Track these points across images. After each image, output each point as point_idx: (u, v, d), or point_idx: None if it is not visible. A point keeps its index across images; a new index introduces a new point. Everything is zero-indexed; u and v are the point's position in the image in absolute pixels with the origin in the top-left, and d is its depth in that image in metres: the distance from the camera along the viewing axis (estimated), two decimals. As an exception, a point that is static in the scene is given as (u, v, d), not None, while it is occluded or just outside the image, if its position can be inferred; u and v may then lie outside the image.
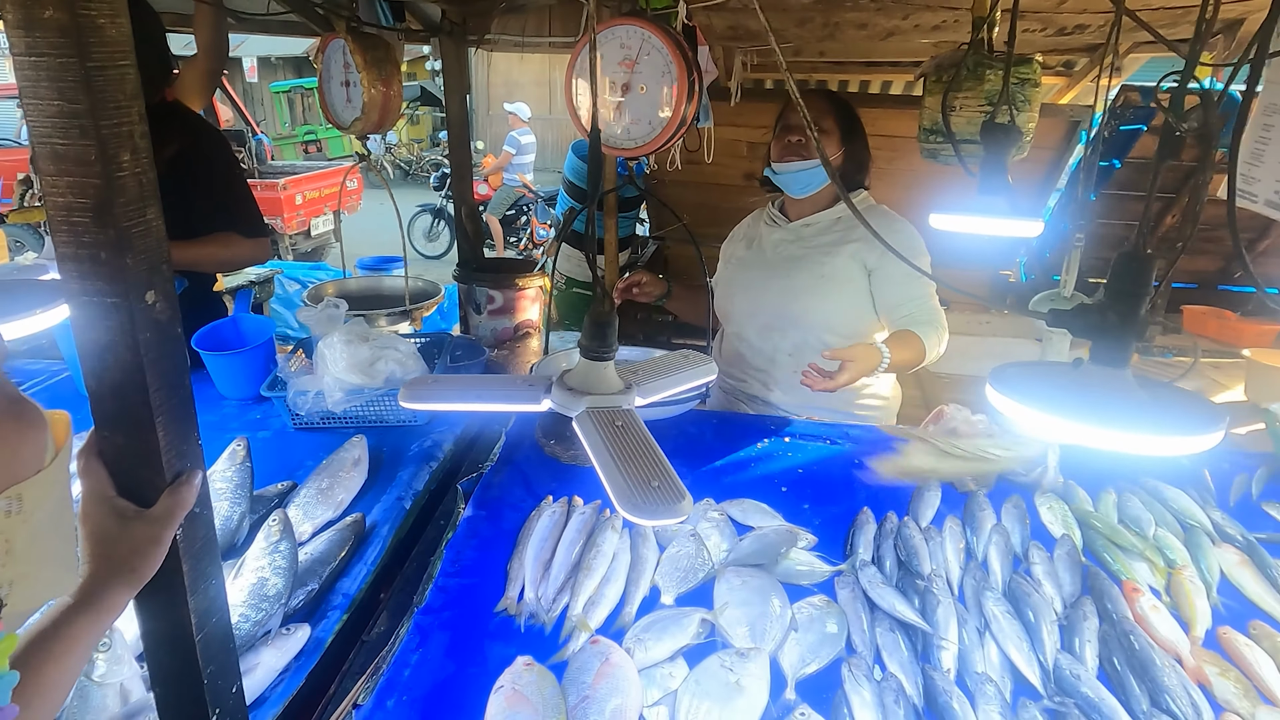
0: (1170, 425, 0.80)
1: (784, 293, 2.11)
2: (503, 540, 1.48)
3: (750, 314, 2.17)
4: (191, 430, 0.81)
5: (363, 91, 1.94)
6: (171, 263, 0.76)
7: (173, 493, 0.78)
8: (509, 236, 9.76)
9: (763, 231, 2.25)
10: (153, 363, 0.74)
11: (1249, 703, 1.17)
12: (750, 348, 2.20)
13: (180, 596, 0.82)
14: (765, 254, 2.20)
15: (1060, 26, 2.42)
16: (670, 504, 0.78)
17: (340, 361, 1.70)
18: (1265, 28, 0.79)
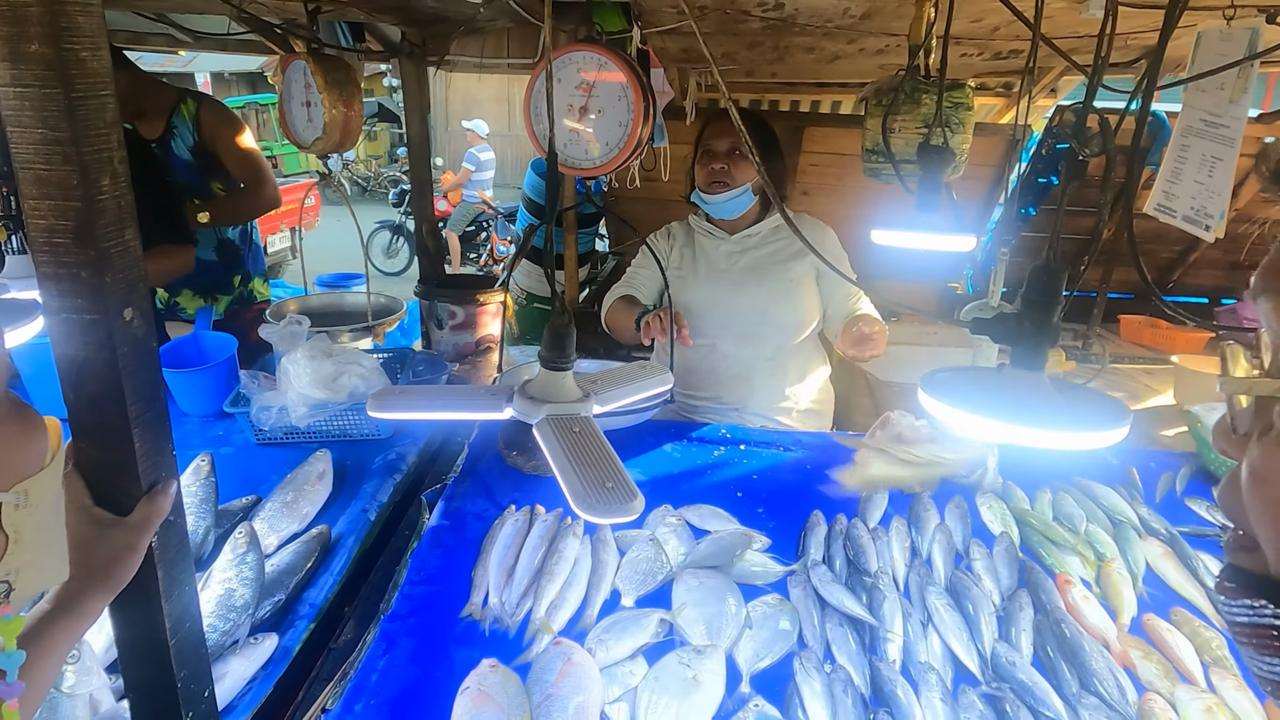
0: (1081, 422, 0.88)
1: (761, 301, 2.20)
2: (467, 549, 1.52)
3: (725, 325, 2.23)
4: (166, 441, 0.84)
5: (324, 112, 1.98)
6: (147, 281, 0.80)
7: (149, 501, 0.81)
8: (469, 253, 9.76)
9: (702, 244, 2.31)
10: (130, 376, 0.78)
11: (1169, 683, 1.25)
12: (727, 358, 2.26)
13: (155, 602, 0.85)
14: (719, 265, 2.27)
15: (996, 51, 2.55)
16: (623, 503, 0.83)
17: (304, 377, 1.72)
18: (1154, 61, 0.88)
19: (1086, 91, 0.89)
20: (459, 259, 9.57)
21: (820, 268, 2.22)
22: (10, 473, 0.57)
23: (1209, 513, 1.73)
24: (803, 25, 2.18)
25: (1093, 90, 0.90)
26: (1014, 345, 0.94)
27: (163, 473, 0.84)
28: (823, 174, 3.76)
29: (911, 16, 1.72)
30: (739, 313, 2.22)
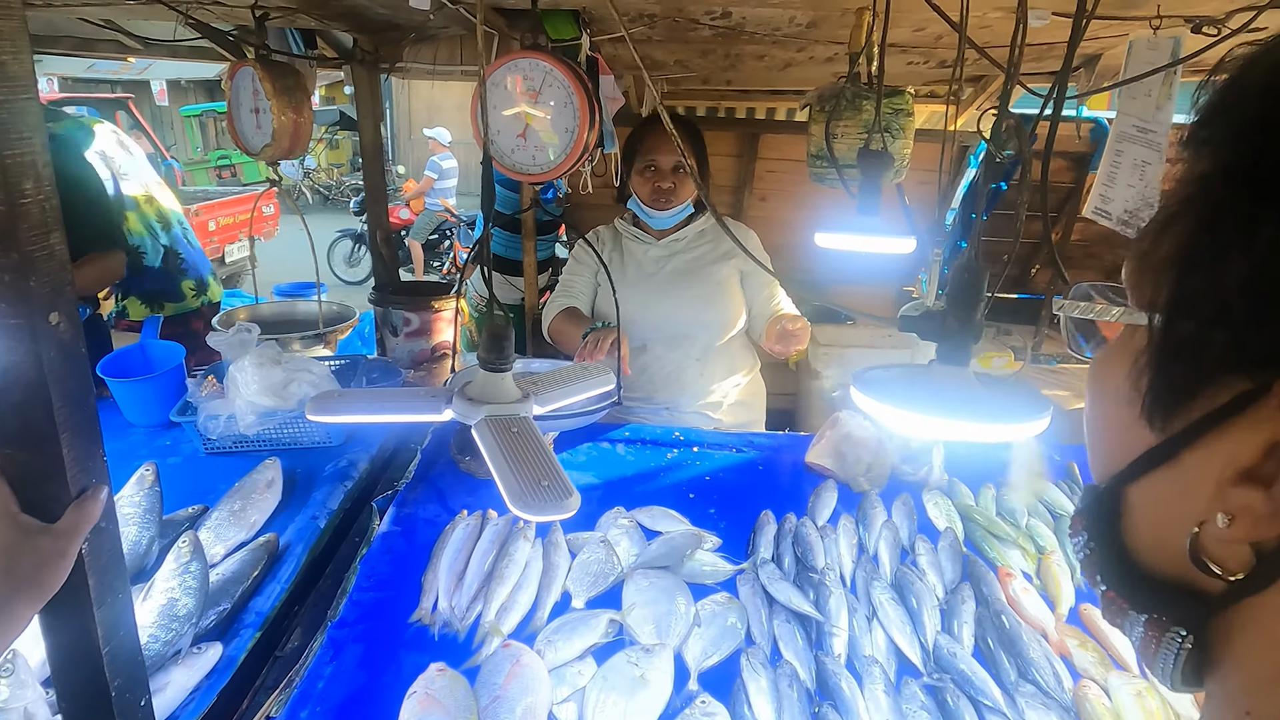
0: (1004, 415, 0.91)
1: (690, 304, 2.24)
2: (418, 554, 1.52)
3: (657, 327, 2.26)
4: (96, 446, 0.83)
5: (272, 119, 1.97)
6: (75, 285, 0.79)
7: (78, 507, 0.80)
8: (431, 261, 9.70)
9: (630, 249, 2.34)
10: (57, 380, 0.77)
11: (1103, 669, 1.29)
12: (658, 359, 2.29)
13: (86, 610, 0.84)
14: (647, 269, 2.30)
15: (942, 59, 2.61)
16: (558, 500, 0.84)
17: (252, 384, 1.71)
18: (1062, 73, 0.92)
19: (1001, 96, 0.92)
20: (422, 267, 9.51)
21: (744, 270, 2.28)
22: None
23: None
24: (751, 33, 2.22)
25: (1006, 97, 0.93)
26: (939, 341, 0.97)
27: (93, 478, 0.83)
28: (779, 180, 3.81)
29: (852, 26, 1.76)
30: (669, 315, 2.25)
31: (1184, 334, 0.40)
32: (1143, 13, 1.79)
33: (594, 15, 2.00)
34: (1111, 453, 0.47)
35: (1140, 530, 0.46)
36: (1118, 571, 0.47)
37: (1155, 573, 0.45)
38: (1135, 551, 0.46)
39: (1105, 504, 0.47)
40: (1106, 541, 0.47)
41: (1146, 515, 0.46)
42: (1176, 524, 0.42)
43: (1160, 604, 0.44)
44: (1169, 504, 0.44)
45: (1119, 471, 0.46)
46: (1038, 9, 1.88)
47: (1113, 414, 0.47)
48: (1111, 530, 0.47)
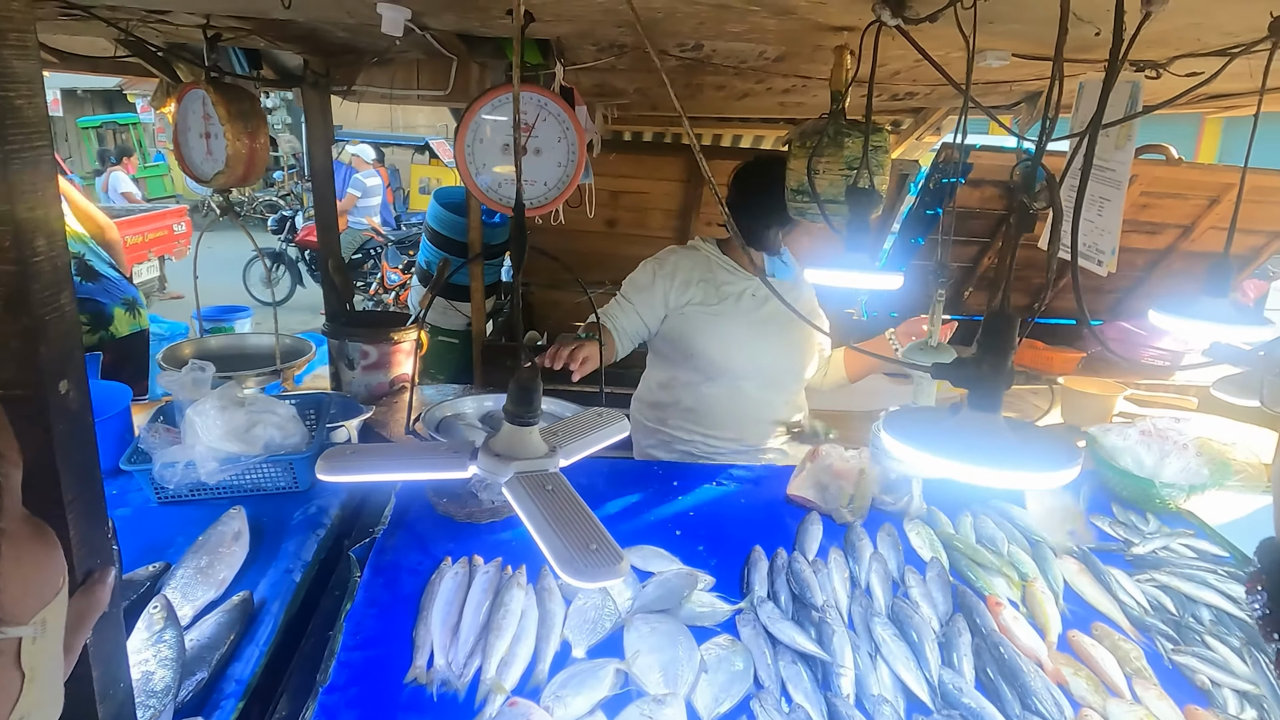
0: (1037, 463, 0.92)
1: (788, 348, 2.21)
2: (404, 606, 1.44)
3: (754, 370, 2.19)
4: (103, 523, 0.76)
5: (227, 144, 1.86)
6: (83, 349, 0.72)
7: (85, 594, 0.72)
8: (356, 281, 9.41)
9: (725, 279, 2.20)
10: (65, 455, 0.70)
11: (1100, 698, 1.33)
12: (751, 401, 2.22)
13: (89, 708, 0.76)
14: (745, 305, 2.19)
15: (893, 93, 2.69)
16: (609, 565, 0.81)
17: (214, 429, 1.60)
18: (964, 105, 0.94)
19: (1036, 151, 0.94)
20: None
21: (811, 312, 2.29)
22: (31, 601, 0.49)
23: (1111, 528, 1.85)
24: (718, 65, 2.23)
25: (1040, 151, 0.95)
26: (972, 388, 0.97)
27: (99, 559, 0.75)
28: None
29: (820, 60, 1.79)
30: (769, 358, 2.19)
31: None
32: (1094, 57, 1.88)
33: (567, 45, 1.98)
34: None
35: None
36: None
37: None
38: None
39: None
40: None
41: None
42: None
43: None
44: None
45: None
46: (998, 50, 1.95)
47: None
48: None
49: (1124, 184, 1.78)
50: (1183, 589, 1.61)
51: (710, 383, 2.21)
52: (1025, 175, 0.94)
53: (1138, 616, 1.55)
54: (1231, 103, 2.85)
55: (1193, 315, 1.48)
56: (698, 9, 1.60)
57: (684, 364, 2.22)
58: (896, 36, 1.48)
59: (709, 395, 2.22)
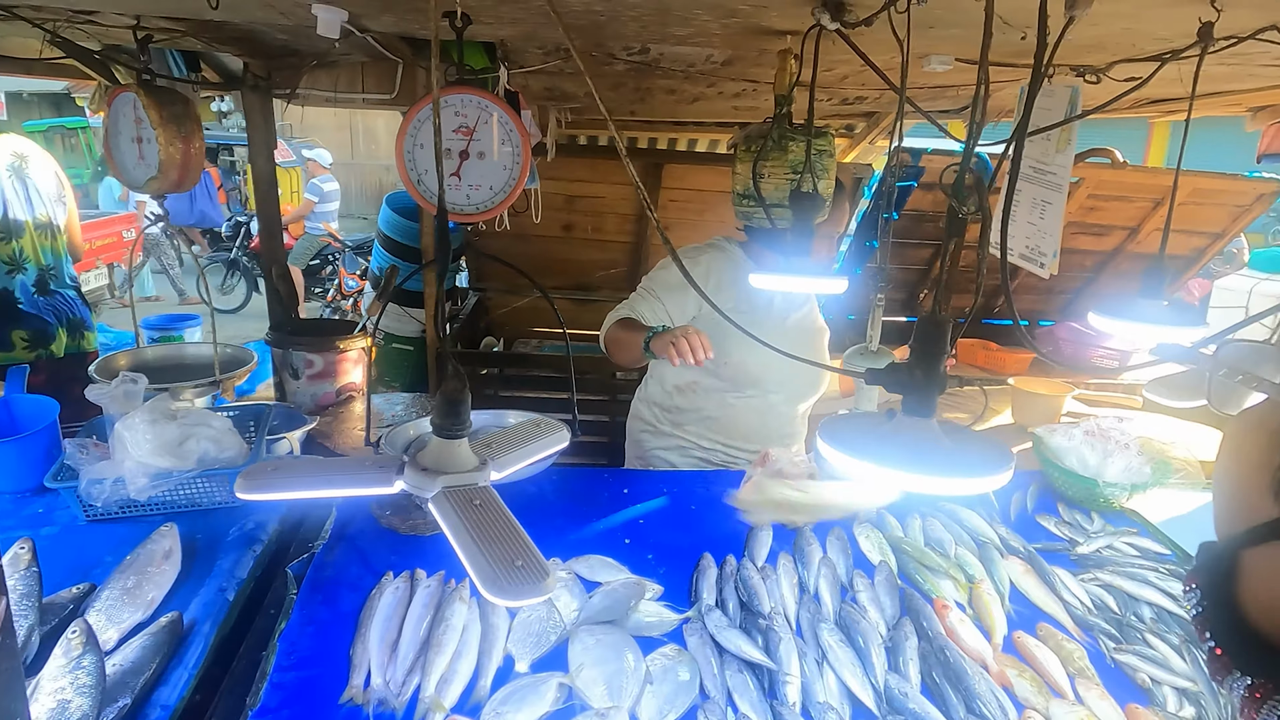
0: (971, 469, 0.92)
1: (815, 358, 2.17)
2: (342, 624, 1.40)
3: (784, 381, 2.13)
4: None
5: (159, 149, 1.81)
6: None
7: None
8: (314, 288, 9.26)
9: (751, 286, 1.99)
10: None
11: (1043, 698, 1.33)
12: (779, 415, 2.18)
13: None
14: (777, 314, 2.14)
15: (844, 97, 2.70)
16: (534, 583, 0.79)
17: (144, 444, 1.55)
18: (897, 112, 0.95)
19: (963, 157, 0.94)
20: (303, 294, 9.06)
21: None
22: None
23: (1057, 528, 1.87)
24: (666, 69, 2.22)
25: (967, 155, 0.95)
26: (905, 394, 0.97)
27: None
28: (682, 209, 3.85)
29: (768, 65, 1.79)
30: (800, 370, 2.08)
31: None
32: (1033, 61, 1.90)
33: (511, 48, 1.95)
34: (1237, 514, 0.48)
35: (1258, 596, 0.46)
36: (1229, 632, 0.47)
37: (1268, 639, 0.45)
38: (1249, 615, 0.46)
39: (1223, 564, 0.48)
40: (1221, 602, 0.48)
41: (1265, 583, 0.46)
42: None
43: (1269, 670, 0.44)
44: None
45: (1240, 534, 0.47)
46: (941, 55, 1.97)
47: (1243, 478, 0.48)
48: (1227, 591, 0.47)
49: (1064, 187, 1.80)
50: (1125, 587, 1.63)
51: (738, 393, 2.13)
52: (954, 180, 0.94)
53: (1081, 616, 1.56)
54: (1172, 107, 2.92)
55: (1129, 317, 1.51)
56: (639, 12, 1.59)
57: (711, 371, 2.10)
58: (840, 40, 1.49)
59: (735, 405, 2.14)
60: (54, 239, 2.75)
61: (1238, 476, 0.49)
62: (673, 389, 2.23)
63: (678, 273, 2.02)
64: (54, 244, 2.75)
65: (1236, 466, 0.49)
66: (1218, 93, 2.51)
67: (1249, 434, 0.48)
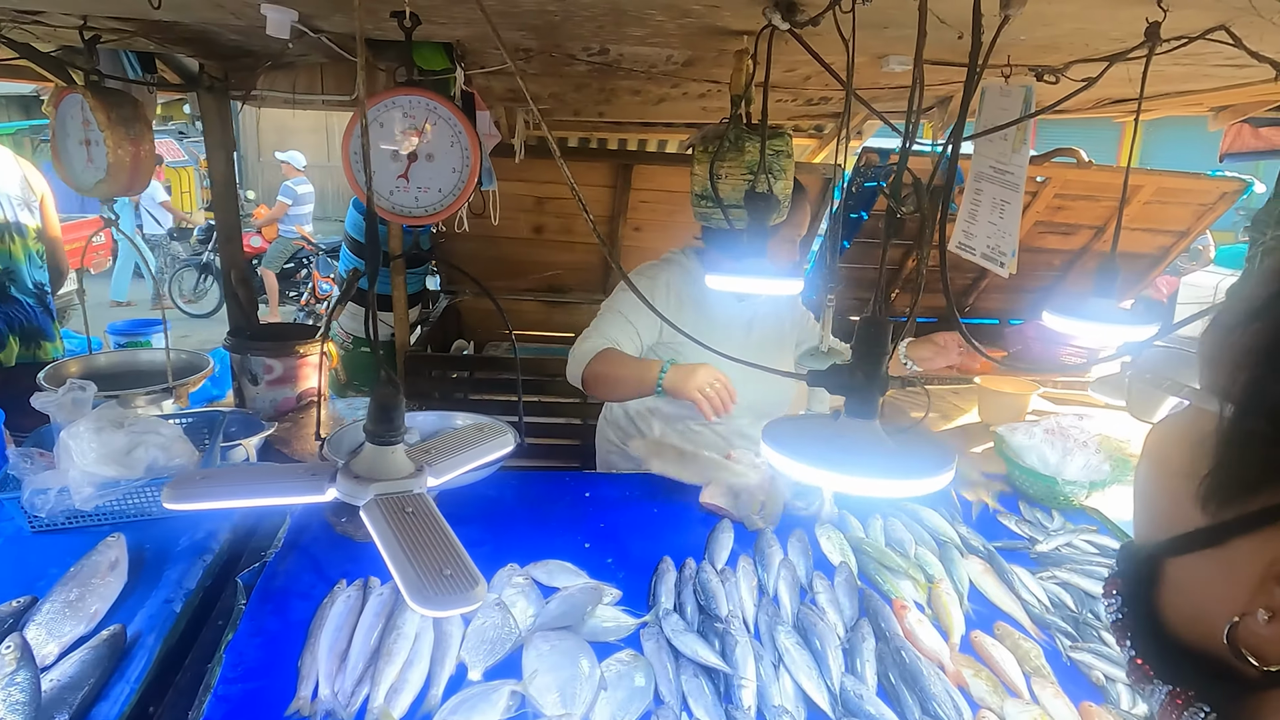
0: (912, 470, 0.91)
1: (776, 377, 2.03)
2: (292, 634, 1.38)
3: (751, 403, 1.92)
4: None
5: (107, 152, 1.77)
6: None
7: None
8: (288, 291, 9.17)
9: (707, 299, 2.00)
10: None
11: (999, 698, 1.33)
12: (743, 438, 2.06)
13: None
14: (735, 333, 2.03)
15: (809, 98, 2.70)
16: (463, 591, 0.77)
17: (89, 453, 1.51)
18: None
19: (900, 157, 0.93)
20: (277, 298, 8.97)
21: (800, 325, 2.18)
22: None
23: (1017, 526, 1.88)
24: (627, 70, 2.21)
25: (905, 155, 0.95)
26: (847, 396, 0.96)
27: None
28: (653, 210, 3.84)
29: (729, 65, 1.78)
30: (760, 389, 1.92)
31: (1253, 429, 0.41)
32: (994, 62, 1.90)
33: (468, 48, 1.93)
34: (1158, 522, 0.47)
35: (1177, 605, 0.46)
36: (1149, 640, 0.47)
37: (1188, 648, 0.45)
38: (1169, 624, 0.46)
39: (1144, 571, 0.48)
40: (1141, 609, 0.47)
41: (1186, 592, 0.46)
42: (1215, 607, 0.42)
43: (1188, 679, 0.44)
44: (1210, 586, 0.44)
45: (1163, 542, 0.46)
46: (900, 55, 1.97)
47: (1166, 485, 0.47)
48: (1147, 598, 0.47)
49: (1022, 186, 1.81)
50: (1082, 585, 1.64)
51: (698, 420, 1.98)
52: (893, 181, 0.93)
53: (1039, 614, 1.56)
54: (1132, 107, 2.94)
55: (1083, 316, 1.51)
56: (594, 11, 1.57)
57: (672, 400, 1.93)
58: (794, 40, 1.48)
59: (700, 432, 2.03)
60: (11, 242, 2.69)
61: (1161, 484, 0.48)
62: (634, 414, 2.16)
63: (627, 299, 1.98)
64: (11, 247, 2.69)
65: (1160, 473, 0.49)
66: (1177, 93, 2.53)
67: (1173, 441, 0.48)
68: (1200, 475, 0.43)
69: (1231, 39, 1.49)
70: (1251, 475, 0.41)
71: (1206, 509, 0.43)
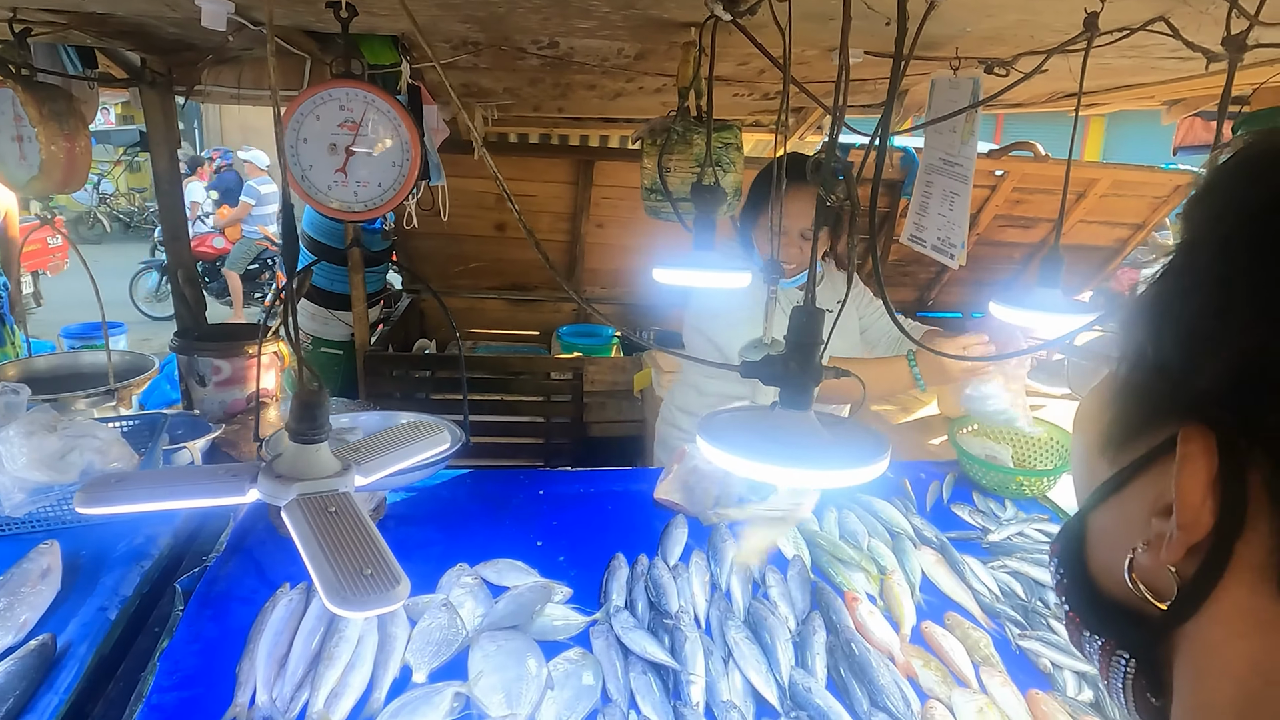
0: (846, 460, 0.90)
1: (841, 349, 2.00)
2: (231, 640, 1.34)
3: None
4: None
5: (40, 148, 1.72)
6: None
7: None
8: (253, 292, 9.03)
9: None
10: None
11: (947, 688, 1.33)
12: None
13: None
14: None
15: (765, 92, 2.70)
16: (383, 591, 0.75)
17: (20, 457, 1.47)
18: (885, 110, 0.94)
19: (829, 140, 0.92)
20: (241, 299, 8.83)
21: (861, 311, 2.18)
22: None
23: (970, 516, 1.89)
24: (580, 63, 2.19)
25: (834, 139, 0.94)
26: (781, 386, 0.95)
27: None
28: (615, 206, 3.83)
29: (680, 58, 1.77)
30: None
31: (1138, 380, 0.45)
32: (943, 54, 1.91)
33: (414, 41, 1.90)
34: (1082, 484, 0.51)
35: (1096, 555, 0.49)
36: (1078, 594, 0.50)
37: (1107, 597, 0.47)
38: (1093, 576, 0.49)
39: (1074, 531, 0.51)
40: (1072, 566, 0.51)
41: (1100, 541, 0.49)
42: (1119, 550, 0.45)
43: (1109, 627, 0.47)
44: (1114, 531, 0.47)
45: (1085, 500, 0.50)
46: (852, 48, 1.97)
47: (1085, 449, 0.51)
48: (1077, 556, 0.50)
49: (970, 178, 1.81)
50: (1031, 573, 1.65)
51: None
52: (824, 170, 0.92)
53: (989, 604, 1.57)
54: (1087, 100, 2.98)
55: (1028, 306, 1.52)
56: (538, 3, 1.55)
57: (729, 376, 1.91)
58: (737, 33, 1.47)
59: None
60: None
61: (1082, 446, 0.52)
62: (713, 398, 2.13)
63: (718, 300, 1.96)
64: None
65: (1081, 438, 0.53)
66: (1125, 86, 2.56)
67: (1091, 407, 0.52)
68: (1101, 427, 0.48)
69: (1170, 29, 1.50)
70: (1139, 421, 0.45)
71: (1105, 458, 0.47)
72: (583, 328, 4.26)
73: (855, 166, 0.98)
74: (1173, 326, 0.43)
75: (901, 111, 2.70)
